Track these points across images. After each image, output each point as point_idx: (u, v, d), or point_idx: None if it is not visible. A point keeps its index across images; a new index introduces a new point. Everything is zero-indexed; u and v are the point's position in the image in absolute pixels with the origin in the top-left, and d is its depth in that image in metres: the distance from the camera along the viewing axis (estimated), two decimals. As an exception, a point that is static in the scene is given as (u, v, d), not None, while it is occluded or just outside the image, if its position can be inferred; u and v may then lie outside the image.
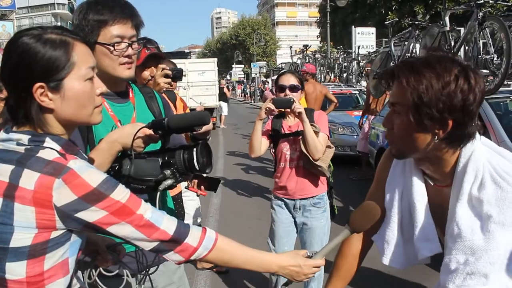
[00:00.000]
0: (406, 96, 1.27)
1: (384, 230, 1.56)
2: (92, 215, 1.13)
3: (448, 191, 1.39)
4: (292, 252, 1.49)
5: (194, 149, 1.49)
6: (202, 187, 3.45)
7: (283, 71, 3.58)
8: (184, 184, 3.40)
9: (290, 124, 3.21)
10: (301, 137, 3.06)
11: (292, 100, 2.98)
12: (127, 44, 1.65)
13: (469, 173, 1.32)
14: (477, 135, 1.35)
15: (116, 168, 1.50)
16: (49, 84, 1.15)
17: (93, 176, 1.13)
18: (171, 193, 2.87)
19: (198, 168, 1.49)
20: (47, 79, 1.15)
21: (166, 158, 1.49)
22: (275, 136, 3.20)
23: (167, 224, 1.24)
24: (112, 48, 1.62)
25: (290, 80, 3.15)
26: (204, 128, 1.59)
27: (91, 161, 1.37)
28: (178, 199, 3.10)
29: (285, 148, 3.18)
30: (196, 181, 3.38)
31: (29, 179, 1.08)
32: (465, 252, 1.31)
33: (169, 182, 1.48)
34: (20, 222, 1.09)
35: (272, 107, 2.99)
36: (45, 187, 1.08)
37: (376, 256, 1.62)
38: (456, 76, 1.23)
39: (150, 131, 1.49)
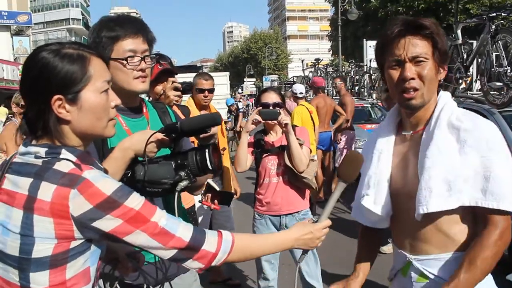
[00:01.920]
0: (432, 42, 1.50)
1: (357, 190, 1.78)
2: (107, 224, 1.15)
3: (419, 136, 1.59)
4: (298, 223, 1.54)
5: (206, 150, 1.52)
6: (216, 201, 3.48)
7: (266, 88, 3.62)
8: (198, 198, 3.44)
9: (272, 139, 3.24)
10: (285, 150, 3.10)
11: (278, 111, 3.04)
12: (140, 58, 1.70)
13: (445, 110, 1.54)
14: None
15: (129, 175, 1.53)
16: (66, 96, 1.19)
17: (107, 184, 1.16)
18: (185, 205, 2.90)
19: (211, 168, 1.52)
20: (64, 92, 1.19)
21: (178, 161, 1.53)
22: (258, 152, 3.21)
23: (183, 231, 1.24)
24: (125, 62, 1.68)
25: (273, 98, 3.20)
26: (209, 132, 1.63)
27: (105, 170, 1.39)
28: (191, 212, 3.11)
29: (269, 163, 3.20)
30: (209, 195, 3.41)
31: (46, 191, 1.12)
32: (445, 170, 1.46)
33: (184, 183, 1.51)
34: (40, 233, 1.12)
35: (259, 118, 3.02)
36: (61, 198, 1.11)
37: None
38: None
39: (162, 136, 1.52)
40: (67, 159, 1.18)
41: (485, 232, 1.44)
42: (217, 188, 3.45)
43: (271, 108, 3.13)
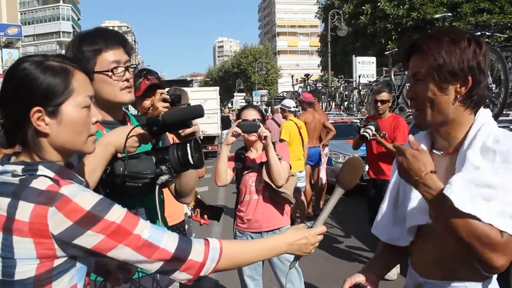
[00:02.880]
0: (429, 61, 1.44)
1: (381, 205, 1.73)
2: (89, 240, 1.12)
3: (453, 157, 1.51)
4: (292, 227, 1.49)
5: (188, 144, 1.50)
6: (205, 216, 3.47)
7: (245, 105, 3.63)
8: (188, 213, 3.43)
9: (253, 156, 3.24)
10: (264, 165, 3.10)
11: (258, 124, 3.04)
12: (123, 68, 1.70)
13: (482, 131, 1.45)
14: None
15: (109, 171, 1.50)
16: (46, 108, 1.17)
17: (86, 199, 1.13)
18: (172, 221, 2.89)
19: (192, 163, 1.50)
20: (45, 104, 1.17)
21: (159, 156, 1.50)
22: (239, 169, 3.21)
23: (167, 242, 1.20)
24: (110, 74, 1.67)
25: (252, 114, 3.21)
26: (191, 129, 1.60)
27: (86, 183, 1.36)
28: (181, 227, 3.10)
29: (250, 180, 3.20)
30: (199, 210, 3.41)
31: (24, 210, 1.09)
32: (473, 183, 1.34)
33: (165, 177, 1.48)
34: (21, 254, 1.10)
35: (239, 131, 3.02)
36: (40, 217, 1.08)
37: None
38: (469, 40, 1.44)
39: (143, 131, 1.51)
40: (44, 176, 1.15)
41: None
42: (207, 203, 3.45)
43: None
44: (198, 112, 1.54)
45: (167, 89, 3.03)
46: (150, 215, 1.74)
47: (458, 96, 1.45)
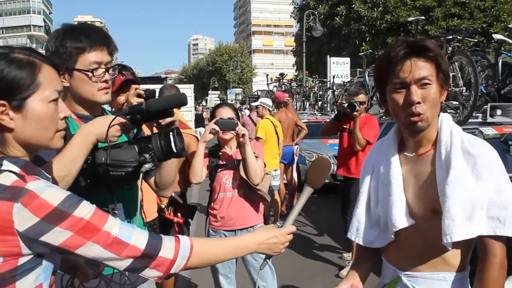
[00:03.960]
0: (436, 64, 1.49)
1: (355, 209, 1.76)
2: (56, 237, 1.08)
3: (428, 156, 1.57)
4: (262, 227, 1.50)
5: (171, 133, 1.50)
6: (179, 214, 3.45)
7: (220, 103, 3.62)
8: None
9: (227, 154, 3.25)
10: (241, 163, 3.12)
11: (236, 122, 3.05)
12: (104, 69, 1.69)
13: (455, 135, 1.53)
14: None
15: (90, 161, 1.48)
16: (11, 102, 1.13)
17: (53, 194, 1.09)
18: (148, 218, 2.86)
19: (176, 151, 1.50)
20: (9, 98, 1.13)
21: (142, 145, 1.50)
22: (213, 167, 3.22)
23: (137, 239, 1.18)
24: (90, 74, 1.66)
25: (227, 113, 3.21)
26: (171, 118, 1.59)
27: (53, 179, 1.33)
28: (154, 225, 3.07)
29: (224, 177, 3.20)
30: (172, 208, 3.38)
31: None
32: (464, 198, 1.46)
33: (149, 165, 1.47)
34: None
35: (217, 128, 3.02)
36: (4, 213, 1.04)
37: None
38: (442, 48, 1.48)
39: (125, 120, 1.50)
40: (9, 171, 1.11)
41: (492, 259, 1.47)
42: (180, 201, 3.42)
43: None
44: (182, 100, 1.55)
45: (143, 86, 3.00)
46: (128, 210, 1.73)
47: (442, 102, 1.53)
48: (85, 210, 1.12)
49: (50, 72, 1.21)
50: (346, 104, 4.83)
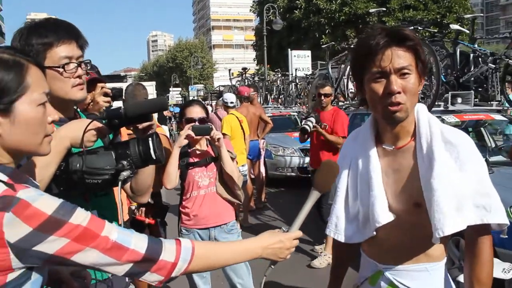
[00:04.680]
0: (415, 54, 1.46)
1: (333, 205, 1.72)
2: (52, 245, 1.03)
3: (408, 149, 1.56)
4: (268, 232, 1.44)
5: (150, 139, 1.44)
6: (150, 215, 3.37)
7: (189, 101, 3.59)
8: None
9: (198, 152, 3.23)
10: (219, 162, 3.13)
11: (210, 127, 3.06)
12: (76, 64, 1.58)
13: (433, 125, 1.52)
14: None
15: (63, 168, 1.40)
16: None
17: (47, 203, 1.04)
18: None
19: (154, 158, 1.44)
20: None
21: (119, 151, 1.43)
22: (183, 166, 3.18)
23: (137, 243, 1.14)
24: (61, 70, 1.55)
25: (198, 112, 3.20)
26: (147, 123, 1.52)
27: (33, 162, 1.27)
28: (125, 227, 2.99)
29: (197, 175, 3.18)
30: (143, 209, 3.30)
31: None
32: (451, 189, 1.44)
33: (127, 172, 1.41)
34: None
35: (192, 134, 3.01)
36: None
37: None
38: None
39: (101, 125, 1.43)
40: None
41: (482, 247, 1.49)
42: (151, 202, 3.35)
43: (197, 123, 3.13)
44: (162, 104, 1.48)
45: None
46: (103, 217, 1.66)
47: (420, 90, 1.53)
48: (81, 216, 1.08)
49: (37, 73, 1.14)
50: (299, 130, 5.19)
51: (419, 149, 1.52)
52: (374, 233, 1.60)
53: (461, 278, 3.36)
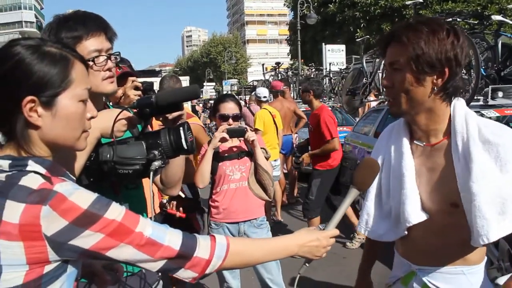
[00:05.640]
0: (407, 51, 1.41)
1: (364, 202, 1.70)
2: (87, 240, 1.03)
3: (442, 147, 1.50)
4: (304, 229, 1.41)
5: (181, 128, 1.42)
6: (181, 209, 3.38)
7: (223, 96, 3.51)
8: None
9: (228, 146, 3.19)
10: (253, 162, 3.12)
11: (245, 129, 3.03)
12: (105, 57, 1.57)
13: (470, 123, 1.44)
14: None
15: (93, 158, 1.40)
16: (41, 99, 1.07)
17: (82, 197, 1.04)
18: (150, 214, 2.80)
19: (186, 148, 1.42)
20: (39, 94, 1.06)
21: (150, 141, 1.41)
22: (215, 159, 3.15)
23: (171, 239, 1.13)
24: (92, 63, 1.54)
25: (232, 108, 3.17)
26: (179, 112, 1.49)
27: (65, 154, 1.27)
28: (156, 221, 3.01)
29: (228, 169, 3.15)
30: (174, 202, 3.31)
31: (13, 211, 0.98)
32: (493, 192, 1.37)
33: (158, 162, 1.39)
34: (8, 260, 0.99)
35: (227, 136, 2.99)
36: (32, 217, 0.98)
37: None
38: (447, 31, 1.41)
39: (131, 114, 1.42)
40: (35, 172, 1.05)
41: None
42: (182, 195, 3.36)
43: (230, 120, 3.12)
44: (194, 92, 1.45)
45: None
46: (134, 211, 1.66)
47: (435, 88, 1.43)
48: (116, 211, 1.08)
49: (82, 69, 1.15)
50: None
51: (454, 148, 1.45)
52: (406, 232, 1.55)
53: (500, 280, 3.24)
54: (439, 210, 1.49)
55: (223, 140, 3.00)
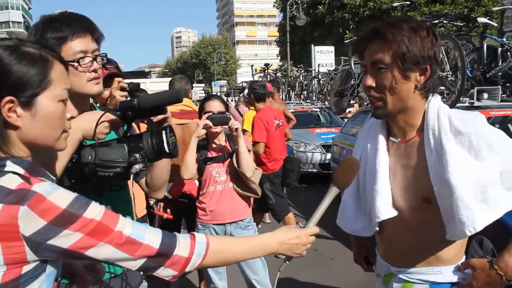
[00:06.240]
0: (392, 49, 1.41)
1: (343, 197, 1.72)
2: (66, 240, 1.03)
3: (415, 142, 1.51)
4: (284, 227, 1.42)
5: (163, 132, 1.41)
6: (168, 210, 3.38)
7: (209, 96, 3.52)
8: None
9: (216, 147, 3.20)
10: (234, 155, 3.10)
11: (229, 116, 3.03)
12: (91, 58, 1.56)
13: (441, 116, 1.45)
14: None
15: (75, 160, 1.39)
16: (20, 99, 1.07)
17: (61, 196, 1.04)
18: (138, 214, 2.79)
19: (168, 151, 1.41)
20: (18, 94, 1.06)
21: (132, 144, 1.41)
22: (201, 161, 3.16)
23: (151, 238, 1.13)
24: (76, 64, 1.53)
25: (217, 106, 3.16)
26: (161, 116, 1.49)
27: (47, 155, 1.27)
28: (142, 222, 3.01)
29: (214, 171, 3.16)
30: (162, 204, 3.31)
31: None
32: (471, 182, 1.38)
33: (139, 165, 1.39)
34: None
35: (210, 123, 2.98)
36: (9, 217, 0.98)
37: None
38: (427, 30, 1.43)
39: (114, 117, 1.41)
40: (13, 172, 1.04)
41: None
42: (170, 197, 3.35)
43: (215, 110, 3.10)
44: (176, 96, 1.44)
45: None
46: (119, 212, 1.66)
47: (418, 85, 1.45)
48: (95, 210, 1.07)
49: (61, 69, 1.15)
50: None
51: (426, 142, 1.47)
52: (377, 228, 1.57)
53: None
54: (411, 206, 1.50)
55: (206, 127, 2.99)
